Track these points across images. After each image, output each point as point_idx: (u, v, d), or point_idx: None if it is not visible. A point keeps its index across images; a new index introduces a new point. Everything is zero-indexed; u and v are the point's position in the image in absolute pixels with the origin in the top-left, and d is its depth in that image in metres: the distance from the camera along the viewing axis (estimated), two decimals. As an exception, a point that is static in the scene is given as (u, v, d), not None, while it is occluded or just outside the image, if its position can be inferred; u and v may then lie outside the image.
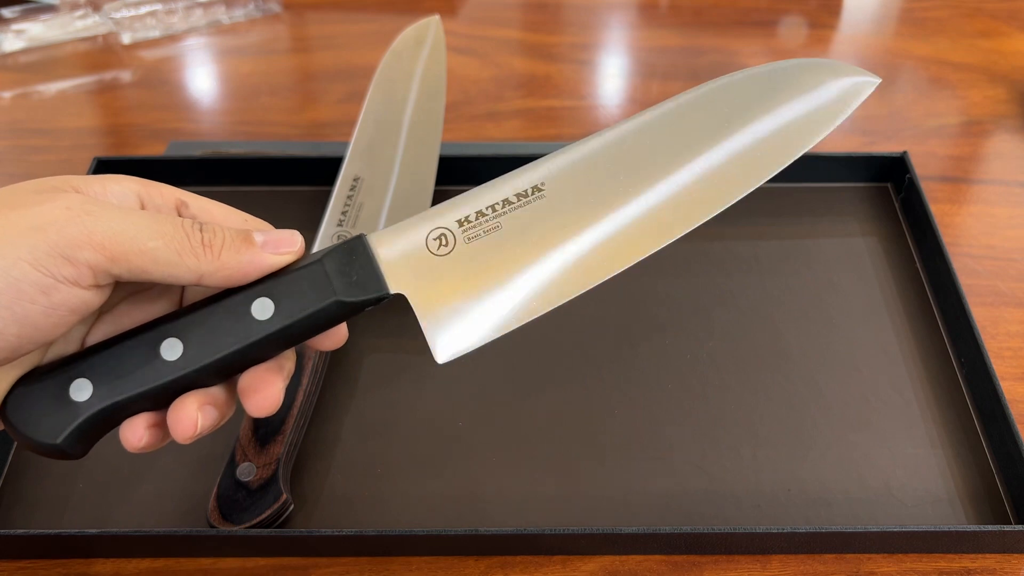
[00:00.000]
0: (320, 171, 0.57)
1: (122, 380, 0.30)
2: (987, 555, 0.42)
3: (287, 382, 0.32)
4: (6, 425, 0.30)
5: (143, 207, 0.32)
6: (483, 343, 0.33)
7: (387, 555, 0.42)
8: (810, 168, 0.58)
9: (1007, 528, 0.40)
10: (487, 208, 0.33)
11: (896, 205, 0.58)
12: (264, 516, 0.40)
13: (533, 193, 0.33)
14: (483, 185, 0.34)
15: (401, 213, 0.52)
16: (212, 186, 0.58)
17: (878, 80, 0.37)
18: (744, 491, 0.44)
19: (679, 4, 0.80)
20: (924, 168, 0.62)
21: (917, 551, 0.42)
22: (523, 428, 0.46)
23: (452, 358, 0.33)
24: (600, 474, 0.44)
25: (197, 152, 0.61)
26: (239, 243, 0.30)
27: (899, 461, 0.45)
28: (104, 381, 0.30)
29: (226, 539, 0.40)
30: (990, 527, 0.40)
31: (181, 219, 0.30)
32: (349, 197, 0.53)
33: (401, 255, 0.32)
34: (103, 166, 0.57)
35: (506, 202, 0.33)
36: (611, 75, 0.74)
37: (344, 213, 0.52)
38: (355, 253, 0.32)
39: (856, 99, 0.36)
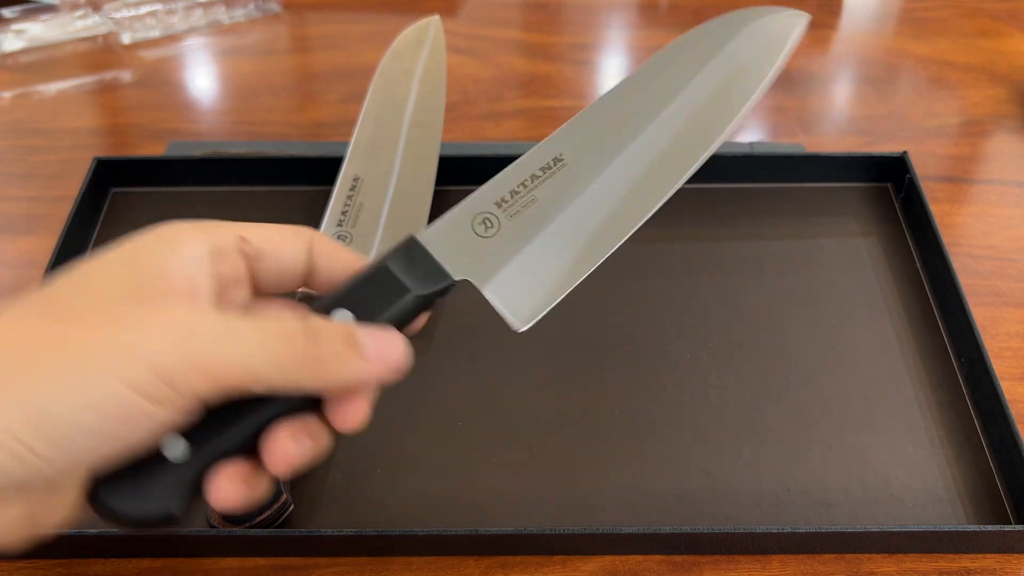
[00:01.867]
0: (320, 171, 0.57)
1: (214, 430, 0.29)
2: (987, 555, 0.42)
3: (373, 393, 0.32)
4: (100, 510, 0.28)
5: (215, 260, 0.30)
6: (551, 306, 0.35)
7: (387, 555, 0.42)
8: (810, 168, 0.58)
9: (1007, 528, 0.40)
10: (518, 186, 0.36)
11: (896, 205, 0.57)
12: (264, 516, 0.40)
13: (555, 164, 0.37)
14: (506, 169, 0.36)
15: (401, 213, 0.52)
16: (212, 186, 0.58)
17: (807, 16, 0.41)
18: (744, 491, 0.44)
19: (679, 4, 0.80)
20: (924, 168, 0.62)
21: (917, 551, 0.42)
22: (523, 428, 0.46)
23: (529, 325, 0.35)
24: (600, 474, 0.44)
25: (197, 152, 0.61)
26: (347, 353, 0.30)
27: (899, 461, 0.45)
28: (198, 436, 0.28)
29: (226, 539, 0.40)
30: (990, 527, 0.40)
31: (291, 327, 0.29)
32: (349, 197, 0.53)
33: (454, 245, 0.34)
34: (103, 166, 0.57)
35: (533, 177, 0.36)
36: (611, 75, 0.74)
37: (344, 213, 0.52)
38: (412, 252, 0.33)
39: (792, 35, 0.41)
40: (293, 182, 0.58)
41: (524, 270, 0.35)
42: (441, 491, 0.43)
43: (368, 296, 0.32)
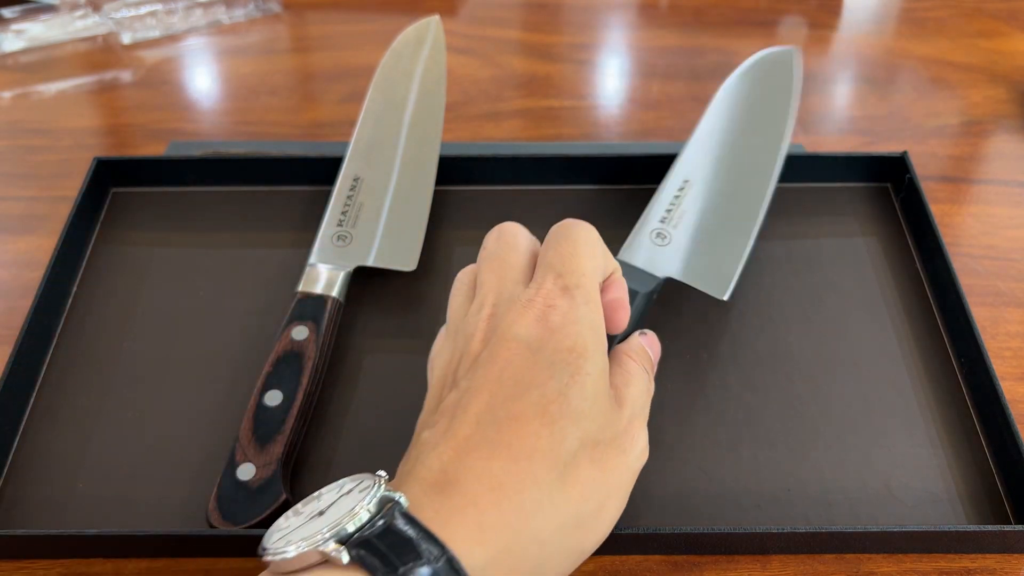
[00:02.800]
0: (320, 171, 0.57)
1: None
2: (987, 555, 0.42)
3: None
4: None
5: None
6: (742, 266, 0.48)
7: (387, 555, 0.42)
8: (810, 168, 0.58)
9: (1007, 528, 0.40)
10: (669, 206, 0.50)
11: (896, 205, 0.57)
12: (264, 516, 0.40)
13: (685, 185, 0.51)
14: (654, 198, 0.51)
15: (401, 213, 0.52)
16: (212, 186, 0.58)
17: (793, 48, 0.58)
18: (744, 491, 0.44)
19: (679, 4, 0.80)
20: (924, 168, 0.62)
21: (917, 551, 0.42)
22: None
23: (731, 291, 0.47)
24: (600, 474, 0.44)
25: (197, 152, 0.62)
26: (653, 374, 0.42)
27: (899, 461, 0.45)
28: None
29: (226, 539, 0.40)
30: (990, 527, 0.40)
31: (646, 381, 0.40)
32: (349, 197, 0.53)
33: (646, 257, 0.48)
34: (103, 166, 0.57)
35: (676, 198, 0.51)
36: (611, 75, 0.74)
37: (344, 213, 0.52)
38: (623, 268, 0.44)
39: (795, 65, 0.57)
40: (293, 182, 0.58)
41: (707, 256, 0.48)
42: (441, 491, 0.43)
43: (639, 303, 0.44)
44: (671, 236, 0.48)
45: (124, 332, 0.50)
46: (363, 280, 0.52)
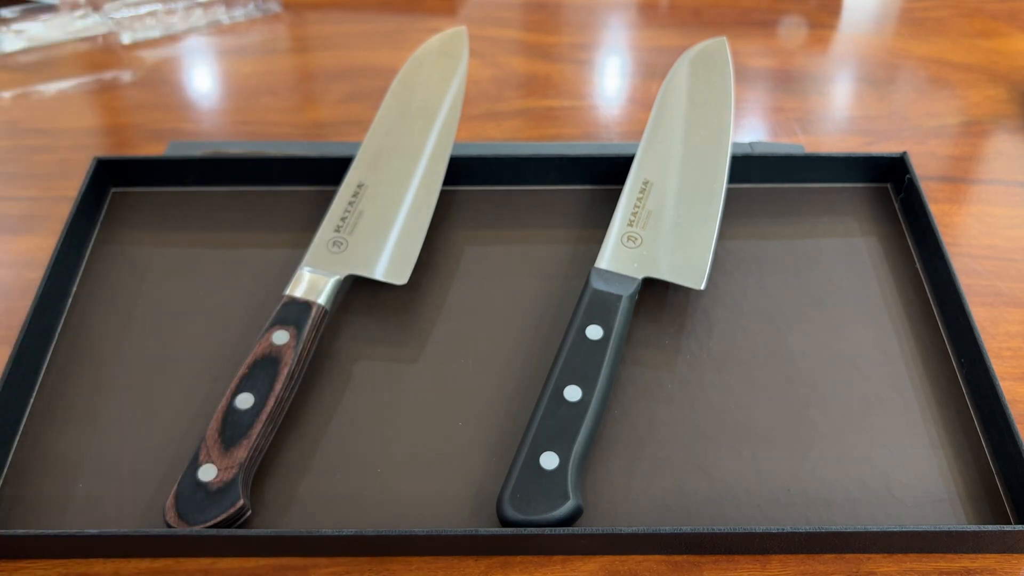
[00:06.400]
0: (320, 171, 0.57)
1: (561, 436, 0.42)
2: (987, 555, 0.42)
3: None
4: (506, 523, 0.40)
5: None
6: (710, 262, 0.49)
7: (387, 555, 0.42)
8: (810, 168, 0.58)
9: (1007, 528, 0.40)
10: (634, 208, 0.52)
11: (896, 205, 0.57)
12: (219, 519, 0.40)
13: (645, 185, 0.53)
14: (619, 203, 0.52)
15: (400, 226, 0.52)
16: (212, 186, 0.58)
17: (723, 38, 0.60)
18: (744, 491, 0.44)
19: (679, 4, 0.80)
20: (924, 168, 0.62)
21: (917, 551, 0.42)
22: (522, 428, 0.46)
23: (705, 281, 0.49)
24: (600, 474, 0.44)
25: (197, 152, 0.61)
26: None
27: (899, 461, 0.45)
28: (558, 446, 0.41)
29: (225, 539, 0.40)
30: (990, 527, 0.40)
31: None
32: (350, 204, 0.52)
33: (622, 262, 0.49)
34: (103, 166, 0.57)
35: (640, 199, 0.52)
36: (611, 75, 0.74)
37: (343, 219, 0.52)
38: (602, 275, 0.48)
39: (727, 56, 0.59)
40: (293, 182, 0.58)
41: (676, 253, 0.50)
42: (440, 491, 0.43)
43: (599, 310, 0.46)
44: (641, 237, 0.50)
45: (124, 332, 0.50)
46: (357, 283, 0.52)
